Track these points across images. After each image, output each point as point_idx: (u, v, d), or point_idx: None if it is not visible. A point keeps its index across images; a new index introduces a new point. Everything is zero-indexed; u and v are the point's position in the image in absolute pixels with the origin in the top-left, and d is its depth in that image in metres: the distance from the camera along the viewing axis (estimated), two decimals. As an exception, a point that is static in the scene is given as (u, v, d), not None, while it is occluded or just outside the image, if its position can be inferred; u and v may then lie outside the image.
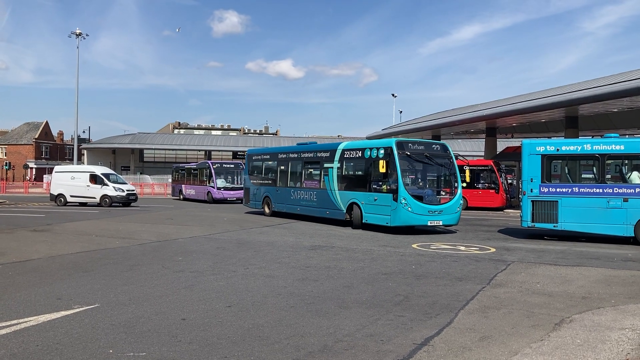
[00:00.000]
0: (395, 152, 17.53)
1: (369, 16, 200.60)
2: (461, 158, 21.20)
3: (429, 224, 17.56)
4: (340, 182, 20.50)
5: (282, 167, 24.72)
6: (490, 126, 38.61)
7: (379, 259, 12.37)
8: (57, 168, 35.54)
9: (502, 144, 44.70)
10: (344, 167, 20.57)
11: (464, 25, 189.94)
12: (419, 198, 17.57)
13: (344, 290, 8.85)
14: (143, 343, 5.90)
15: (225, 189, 37.79)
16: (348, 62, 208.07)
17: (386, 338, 6.22)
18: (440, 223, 17.72)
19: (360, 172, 19.79)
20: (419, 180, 19.24)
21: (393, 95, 74.22)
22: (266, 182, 26.05)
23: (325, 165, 21.40)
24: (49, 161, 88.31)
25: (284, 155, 24.76)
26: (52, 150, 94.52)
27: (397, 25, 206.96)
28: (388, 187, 17.78)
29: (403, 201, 17.14)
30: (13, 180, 75.63)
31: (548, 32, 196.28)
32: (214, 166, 38.48)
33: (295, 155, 23.87)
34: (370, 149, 19.00)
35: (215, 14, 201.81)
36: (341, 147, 20.92)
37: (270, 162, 26.07)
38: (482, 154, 43.58)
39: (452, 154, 18.72)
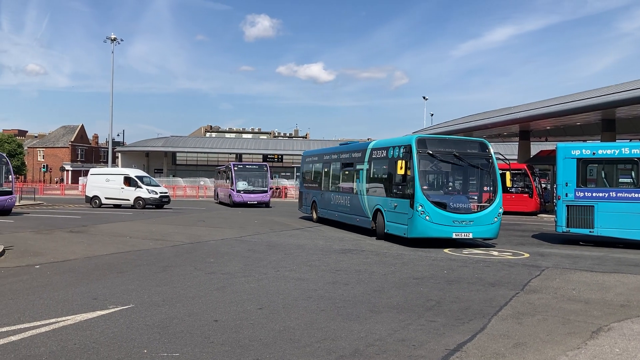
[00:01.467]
0: (414, 150, 15.00)
1: (399, 19, 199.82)
2: (502, 160, 17.33)
3: (454, 236, 14.88)
4: (368, 186, 18.30)
5: (325, 170, 23.05)
6: (524, 129, 38.00)
7: (409, 263, 12.28)
8: (92, 170, 36.31)
9: (535, 148, 43.94)
10: (372, 168, 18.25)
11: (497, 27, 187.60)
12: (442, 205, 14.85)
13: (374, 295, 8.81)
14: (176, 344, 5.98)
15: (246, 191, 35.57)
16: (379, 65, 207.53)
17: (418, 343, 6.17)
18: (470, 235, 14.96)
19: (384, 175, 17.32)
20: (447, 183, 16.88)
21: (424, 98, 73.71)
22: (313, 185, 24.78)
23: (357, 166, 19.48)
24: (84, 164, 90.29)
25: (327, 157, 23.21)
26: (88, 153, 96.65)
27: (428, 28, 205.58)
28: (406, 192, 15.25)
29: (420, 208, 14.58)
30: (50, 183, 77.57)
31: (584, 34, 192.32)
32: (235, 168, 36.44)
33: (335, 157, 22.12)
34: (393, 147, 16.61)
35: (248, 18, 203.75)
36: (370, 146, 18.85)
37: (317, 164, 24.51)
38: (515, 157, 42.93)
39: (492, 153, 15.78)
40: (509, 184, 16.20)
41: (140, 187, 32.52)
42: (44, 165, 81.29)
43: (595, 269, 11.87)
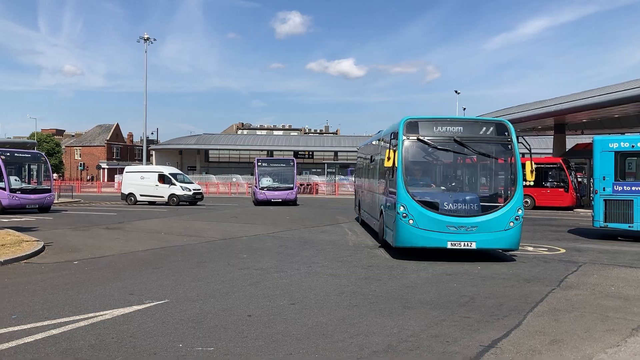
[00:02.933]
0: (401, 136, 11.86)
1: (429, 12, 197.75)
2: (525, 146, 12.32)
3: (449, 246, 11.37)
4: (378, 182, 15.57)
5: (364, 164, 20.25)
6: (559, 122, 37.19)
7: (442, 258, 12.15)
8: (127, 168, 37.00)
9: (571, 141, 42.99)
10: (379, 160, 15.30)
11: (530, 20, 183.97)
12: (431, 205, 11.54)
13: (407, 290, 8.76)
14: (211, 338, 6.06)
15: (269, 189, 32.95)
16: (410, 59, 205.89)
17: (452, 339, 6.11)
18: (473, 246, 11.33)
19: (384, 168, 13.71)
20: (444, 178, 12.87)
21: (456, 92, 72.74)
22: (358, 183, 22.92)
23: (374, 159, 16.78)
24: (119, 162, 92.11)
25: (365, 149, 20.55)
26: (123, 151, 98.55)
27: (459, 21, 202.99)
28: (393, 190, 12.36)
29: (401, 210, 11.52)
30: (87, 181, 79.37)
31: (622, 24, 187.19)
32: (258, 163, 33.95)
33: (368, 148, 19.41)
34: (388, 133, 13.83)
35: (279, 15, 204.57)
36: (381, 134, 16.29)
37: (360, 158, 22.17)
38: (550, 151, 42.06)
39: (513, 137, 11.91)
40: (529, 176, 11.68)
41: (174, 184, 33.00)
42: (81, 164, 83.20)
43: (634, 265, 11.57)
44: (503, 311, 7.42)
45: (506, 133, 11.92)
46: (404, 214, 11.52)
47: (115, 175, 69.49)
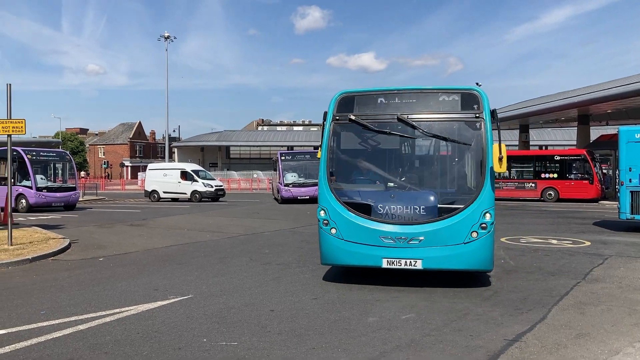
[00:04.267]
0: (329, 117, 8.97)
1: (451, 4, 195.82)
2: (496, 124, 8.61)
3: (385, 265, 8.27)
4: None
5: None
6: (583, 113, 36.60)
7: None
8: (150, 166, 37.39)
9: (595, 132, 42.30)
10: None
11: (554, 9, 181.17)
12: (363, 209, 8.50)
13: (430, 284, 8.72)
14: (235, 333, 6.11)
15: (295, 185, 30.39)
16: (432, 52, 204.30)
17: (475, 333, 6.08)
18: (419, 265, 8.17)
19: None
20: (382, 170, 9.17)
21: (477, 84, 72.04)
22: None
23: None
24: (142, 159, 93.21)
25: None
26: (145, 149, 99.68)
27: (480, 12, 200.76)
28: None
29: (322, 214, 8.64)
30: (110, 178, 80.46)
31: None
32: (282, 157, 31.61)
33: None
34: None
35: (298, 10, 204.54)
36: None
37: None
38: (574, 143, 41.45)
39: (485, 112, 8.43)
40: (497, 166, 8.01)
41: (196, 180, 33.30)
42: (104, 162, 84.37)
43: (662, 257, 11.36)
44: (527, 305, 7.35)
45: (475, 106, 8.39)
46: (325, 221, 8.52)
47: (139, 173, 70.33)
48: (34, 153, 26.25)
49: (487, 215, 8.06)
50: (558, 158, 30.60)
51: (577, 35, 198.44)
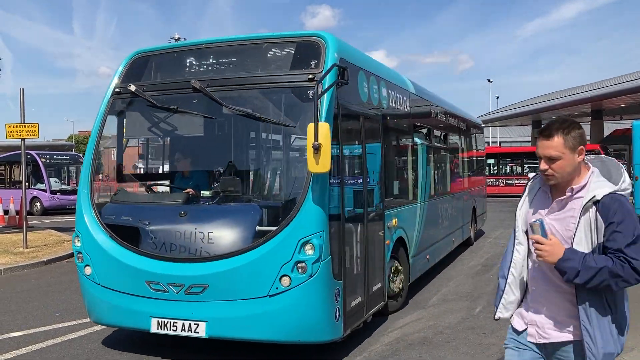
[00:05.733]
0: (109, 89, 6.00)
1: (462, 0, 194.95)
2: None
3: (154, 328, 5.03)
4: None
5: None
6: (596, 108, 36.28)
7: (477, 250, 12.03)
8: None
9: (609, 127, 41.94)
10: None
11: (565, 3, 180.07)
12: (125, 234, 5.33)
13: (443, 282, 8.70)
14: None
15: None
16: (443, 49, 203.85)
17: (489, 331, 6.05)
18: (201, 332, 4.86)
19: None
20: (192, 169, 6.30)
21: (489, 80, 71.45)
22: None
23: None
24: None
25: None
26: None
27: (493, 8, 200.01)
28: None
29: (76, 244, 5.56)
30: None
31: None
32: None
33: None
34: None
35: (308, 9, 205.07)
36: None
37: None
38: (588, 138, 41.12)
39: (327, 64, 5.07)
40: (312, 163, 4.55)
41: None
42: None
43: (678, 253, 11.23)
44: (541, 302, 7.29)
45: (313, 63, 5.16)
46: (79, 254, 5.50)
47: (151, 175, 70.47)
48: (48, 156, 26.49)
49: (309, 247, 4.70)
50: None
51: (590, 30, 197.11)
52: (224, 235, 5.00)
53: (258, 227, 4.95)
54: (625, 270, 2.32)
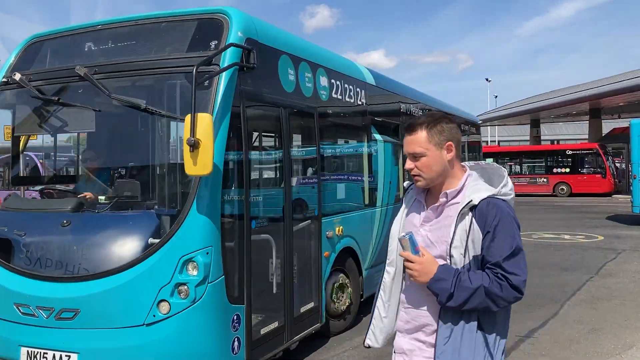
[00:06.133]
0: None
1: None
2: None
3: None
4: None
5: None
6: (594, 107, 36.33)
7: (477, 249, 12.02)
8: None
9: (607, 126, 42.00)
10: None
11: (564, 2, 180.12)
12: (5, 247, 4.46)
13: (441, 282, 8.71)
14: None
15: None
16: (442, 48, 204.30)
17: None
18: None
19: None
20: (83, 169, 5.86)
21: (487, 79, 71.59)
22: None
23: None
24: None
25: None
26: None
27: (492, 7, 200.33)
28: None
29: None
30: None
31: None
32: None
33: None
34: None
35: (307, 9, 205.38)
36: None
37: None
38: (586, 136, 41.17)
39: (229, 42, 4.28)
40: (189, 164, 3.73)
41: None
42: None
43: (677, 251, 11.26)
44: (539, 301, 7.31)
45: (213, 44, 4.38)
46: None
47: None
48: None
49: (192, 266, 3.94)
50: (570, 152, 30.42)
51: (589, 29, 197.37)
52: (102, 250, 4.20)
53: (141, 242, 4.09)
54: (504, 288, 2.03)
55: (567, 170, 30.05)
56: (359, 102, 6.70)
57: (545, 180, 30.40)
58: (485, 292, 2.02)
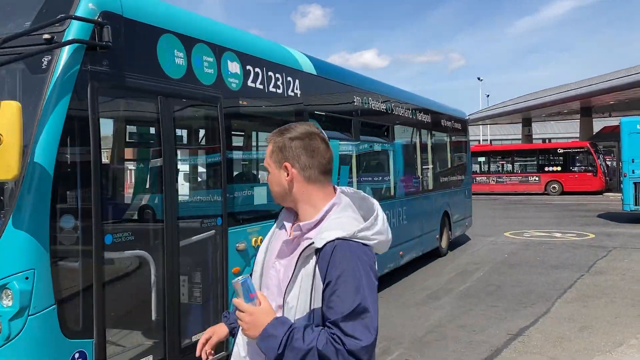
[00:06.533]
0: None
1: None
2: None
3: None
4: None
5: None
6: (585, 106, 36.52)
7: (468, 248, 12.08)
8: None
9: (598, 124, 42.22)
10: None
11: (555, 1, 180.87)
12: None
13: (433, 281, 8.73)
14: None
15: None
16: (434, 47, 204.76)
17: (479, 329, 6.08)
18: None
19: None
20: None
21: (479, 79, 71.99)
22: None
23: None
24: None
25: None
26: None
27: (483, 6, 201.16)
28: None
29: None
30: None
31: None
32: None
33: None
34: None
35: (299, 9, 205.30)
36: None
37: None
38: (578, 135, 41.37)
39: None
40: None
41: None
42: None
43: (666, 248, 11.34)
44: (531, 299, 7.34)
45: (61, 17, 3.46)
46: None
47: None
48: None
49: (5, 294, 3.19)
50: (561, 151, 30.57)
51: (580, 28, 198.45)
52: None
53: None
54: (340, 354, 1.60)
55: (559, 168, 30.19)
56: (291, 94, 5.85)
57: (537, 178, 30.53)
58: (319, 355, 1.61)
